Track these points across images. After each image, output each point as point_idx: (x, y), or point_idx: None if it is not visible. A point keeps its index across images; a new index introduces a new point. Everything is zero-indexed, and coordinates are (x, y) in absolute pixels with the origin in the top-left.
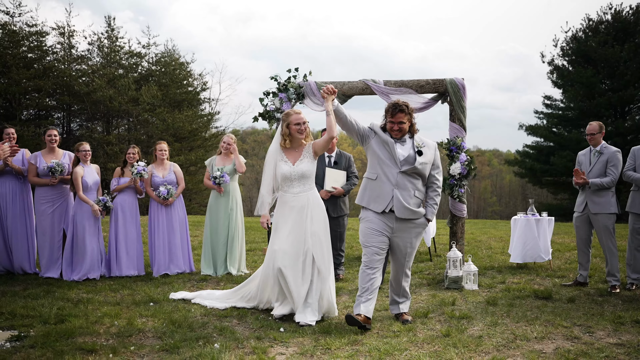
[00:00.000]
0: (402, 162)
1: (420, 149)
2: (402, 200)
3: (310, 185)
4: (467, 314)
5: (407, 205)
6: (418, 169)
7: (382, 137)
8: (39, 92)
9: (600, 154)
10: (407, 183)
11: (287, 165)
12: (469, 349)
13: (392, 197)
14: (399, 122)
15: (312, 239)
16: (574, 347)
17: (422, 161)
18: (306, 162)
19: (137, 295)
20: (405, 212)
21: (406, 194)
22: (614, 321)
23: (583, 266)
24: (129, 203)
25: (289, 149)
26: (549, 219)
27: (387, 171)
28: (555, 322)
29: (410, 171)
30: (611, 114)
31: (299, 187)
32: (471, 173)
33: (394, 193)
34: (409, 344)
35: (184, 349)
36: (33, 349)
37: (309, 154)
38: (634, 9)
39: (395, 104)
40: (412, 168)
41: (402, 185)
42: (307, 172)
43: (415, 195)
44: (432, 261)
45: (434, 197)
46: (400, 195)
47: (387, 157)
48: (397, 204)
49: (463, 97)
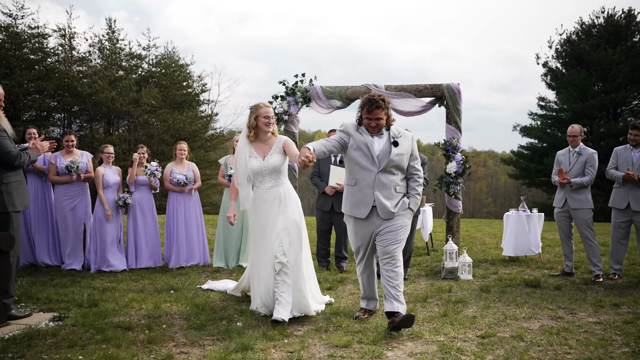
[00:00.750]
0: (380, 157)
1: (396, 139)
2: (384, 201)
3: (282, 180)
4: (462, 299)
5: (389, 207)
6: (395, 161)
7: (356, 140)
8: (41, 93)
9: (579, 155)
10: (387, 182)
11: (257, 161)
12: (464, 326)
13: (374, 200)
14: (376, 118)
15: (282, 233)
16: (557, 325)
17: (398, 152)
18: (276, 156)
19: (157, 284)
20: (389, 214)
21: (387, 193)
22: (595, 304)
23: (568, 257)
24: (146, 200)
25: (258, 143)
26: (539, 215)
27: (366, 175)
28: (542, 305)
29: (387, 167)
30: (604, 115)
31: (270, 181)
32: (466, 171)
33: (375, 195)
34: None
35: (210, 327)
36: (75, 327)
37: (279, 149)
38: (625, 12)
39: (371, 99)
40: (388, 162)
41: (382, 185)
42: (278, 166)
43: (396, 191)
44: (430, 255)
45: (415, 187)
46: (381, 196)
47: (364, 159)
48: (380, 206)
49: (458, 100)
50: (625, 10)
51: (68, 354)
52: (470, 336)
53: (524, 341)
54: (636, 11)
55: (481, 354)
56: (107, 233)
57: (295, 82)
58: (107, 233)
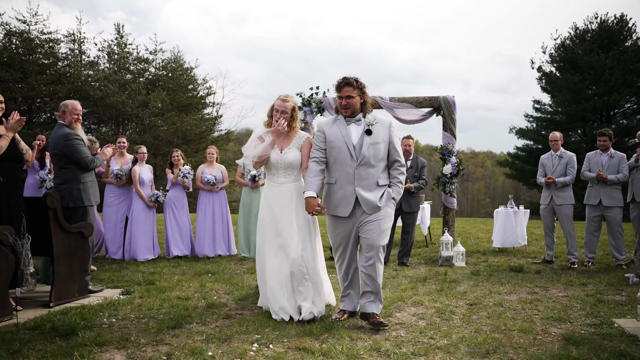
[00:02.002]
0: (357, 148)
1: (370, 127)
2: (366, 196)
3: (297, 176)
4: (456, 279)
5: (374, 202)
6: (370, 152)
7: (332, 134)
8: (53, 97)
9: (561, 158)
10: (367, 175)
11: (275, 153)
12: (456, 297)
13: (356, 198)
14: (346, 96)
15: (300, 234)
16: (532, 297)
17: (373, 141)
18: (295, 151)
19: (194, 269)
20: (375, 209)
21: (369, 187)
22: (566, 284)
23: (549, 247)
24: (180, 197)
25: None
26: (525, 211)
27: (344, 171)
28: (522, 284)
29: (365, 160)
30: (597, 118)
31: (284, 177)
32: (460, 173)
33: (357, 192)
34: (413, 295)
35: (252, 298)
36: (143, 299)
37: (299, 144)
38: (618, 18)
39: (344, 77)
40: (362, 154)
41: (362, 178)
42: (294, 161)
43: (378, 184)
44: (428, 247)
45: (397, 176)
46: (363, 192)
47: (342, 154)
48: (364, 202)
49: (453, 111)
50: (618, 16)
51: (150, 313)
52: (460, 304)
53: (503, 307)
54: (628, 17)
55: (468, 314)
56: (141, 226)
57: (311, 94)
58: (141, 226)
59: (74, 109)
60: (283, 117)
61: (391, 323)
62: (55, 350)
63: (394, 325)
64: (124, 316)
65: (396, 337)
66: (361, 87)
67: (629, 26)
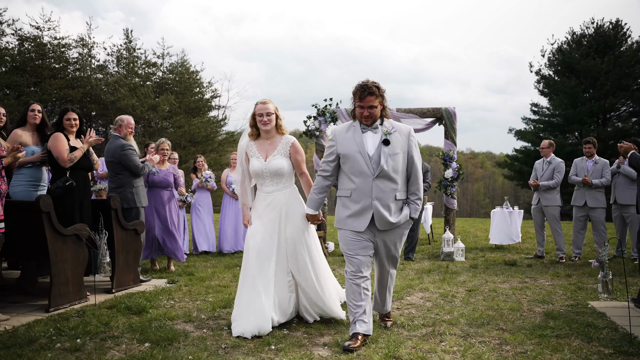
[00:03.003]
0: (373, 159)
1: (388, 137)
2: (383, 212)
3: (285, 184)
4: (456, 271)
5: (388, 218)
6: (389, 164)
7: (345, 143)
8: (66, 100)
9: (550, 163)
10: (385, 188)
11: (259, 161)
12: (456, 285)
13: (372, 212)
14: (369, 106)
15: (285, 245)
16: (522, 285)
17: (391, 152)
18: (280, 158)
19: (222, 263)
20: (388, 225)
21: (386, 201)
22: (553, 275)
23: (540, 244)
24: (205, 198)
25: (261, 142)
26: (519, 212)
27: (360, 184)
28: (514, 275)
29: (383, 172)
30: (593, 121)
31: (272, 185)
32: (460, 177)
33: (374, 206)
34: (420, 283)
35: None
36: (187, 287)
37: (285, 151)
38: (613, 23)
39: (364, 85)
40: (381, 168)
41: (380, 192)
42: (281, 169)
43: (396, 198)
44: (431, 244)
45: (415, 192)
46: (380, 206)
47: (357, 166)
48: (378, 217)
49: (454, 121)
50: (613, 21)
51: (200, 297)
52: (460, 290)
53: (496, 292)
54: (623, 22)
55: (467, 298)
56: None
57: (325, 105)
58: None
59: (129, 123)
60: (268, 118)
61: (403, 304)
62: (136, 322)
63: (405, 305)
64: (180, 299)
65: (408, 314)
66: (383, 95)
67: (624, 31)
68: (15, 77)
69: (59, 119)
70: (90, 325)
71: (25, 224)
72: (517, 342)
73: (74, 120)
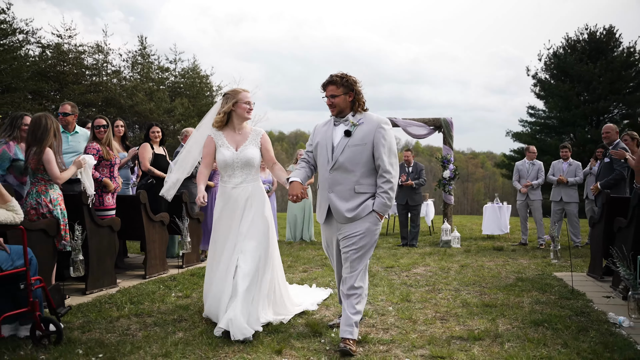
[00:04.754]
0: (334, 152)
1: (351, 128)
2: (338, 204)
3: (254, 176)
4: (452, 254)
5: (342, 211)
6: (345, 155)
7: (320, 136)
8: (88, 105)
9: (533, 165)
10: (341, 179)
11: (229, 151)
12: (452, 262)
13: (328, 204)
14: (330, 95)
15: (244, 238)
16: (504, 263)
17: (352, 143)
18: (252, 148)
19: None
20: (343, 218)
21: (343, 194)
22: (531, 257)
23: (524, 233)
24: None
25: (229, 132)
26: (507, 207)
27: (322, 175)
28: (500, 257)
29: (338, 164)
30: (587, 123)
31: (241, 176)
32: (456, 177)
33: (329, 197)
34: (423, 261)
35: (318, 261)
36: None
37: (256, 142)
38: (607, 29)
39: (330, 75)
40: (335, 159)
41: (336, 184)
42: (252, 159)
43: (355, 191)
44: (431, 235)
45: (381, 185)
46: (335, 198)
47: (321, 157)
48: (334, 209)
49: (451, 129)
50: (607, 27)
51: None
52: (454, 265)
53: (483, 267)
54: (616, 28)
55: (459, 270)
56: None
57: None
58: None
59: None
60: (251, 108)
61: (410, 274)
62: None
63: (412, 274)
64: None
65: (415, 279)
66: (348, 85)
67: (617, 37)
68: (40, 83)
69: (147, 131)
70: (187, 284)
71: (127, 213)
72: (492, 293)
73: (157, 133)
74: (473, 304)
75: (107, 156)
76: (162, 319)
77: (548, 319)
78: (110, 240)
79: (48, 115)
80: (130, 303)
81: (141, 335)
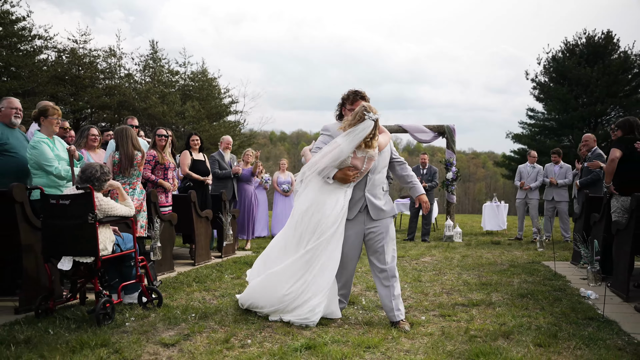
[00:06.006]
0: None
1: None
2: (374, 201)
3: None
4: (455, 247)
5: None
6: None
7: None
8: (105, 109)
9: (534, 168)
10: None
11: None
12: (454, 253)
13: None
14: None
15: None
16: (500, 254)
17: None
18: None
19: None
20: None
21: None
22: (525, 249)
23: (520, 228)
24: (261, 194)
25: None
26: (505, 205)
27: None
28: (497, 250)
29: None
30: (585, 125)
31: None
32: (458, 178)
33: (366, 196)
34: (429, 252)
35: None
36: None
37: None
38: (605, 34)
39: (356, 91)
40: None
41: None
42: None
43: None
44: (435, 231)
45: (411, 177)
46: (370, 196)
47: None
48: (371, 206)
49: (453, 135)
50: (605, 32)
51: None
52: (457, 255)
53: (482, 257)
54: (614, 33)
55: (461, 259)
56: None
57: None
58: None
59: (226, 142)
60: None
61: (420, 261)
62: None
63: (421, 262)
64: None
65: (423, 265)
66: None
67: (614, 41)
68: (58, 88)
69: (187, 140)
70: (234, 269)
71: (178, 210)
72: (488, 275)
73: (196, 141)
74: (472, 283)
75: (162, 161)
76: (227, 292)
77: (532, 292)
78: (170, 232)
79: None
80: (195, 283)
81: (216, 302)
